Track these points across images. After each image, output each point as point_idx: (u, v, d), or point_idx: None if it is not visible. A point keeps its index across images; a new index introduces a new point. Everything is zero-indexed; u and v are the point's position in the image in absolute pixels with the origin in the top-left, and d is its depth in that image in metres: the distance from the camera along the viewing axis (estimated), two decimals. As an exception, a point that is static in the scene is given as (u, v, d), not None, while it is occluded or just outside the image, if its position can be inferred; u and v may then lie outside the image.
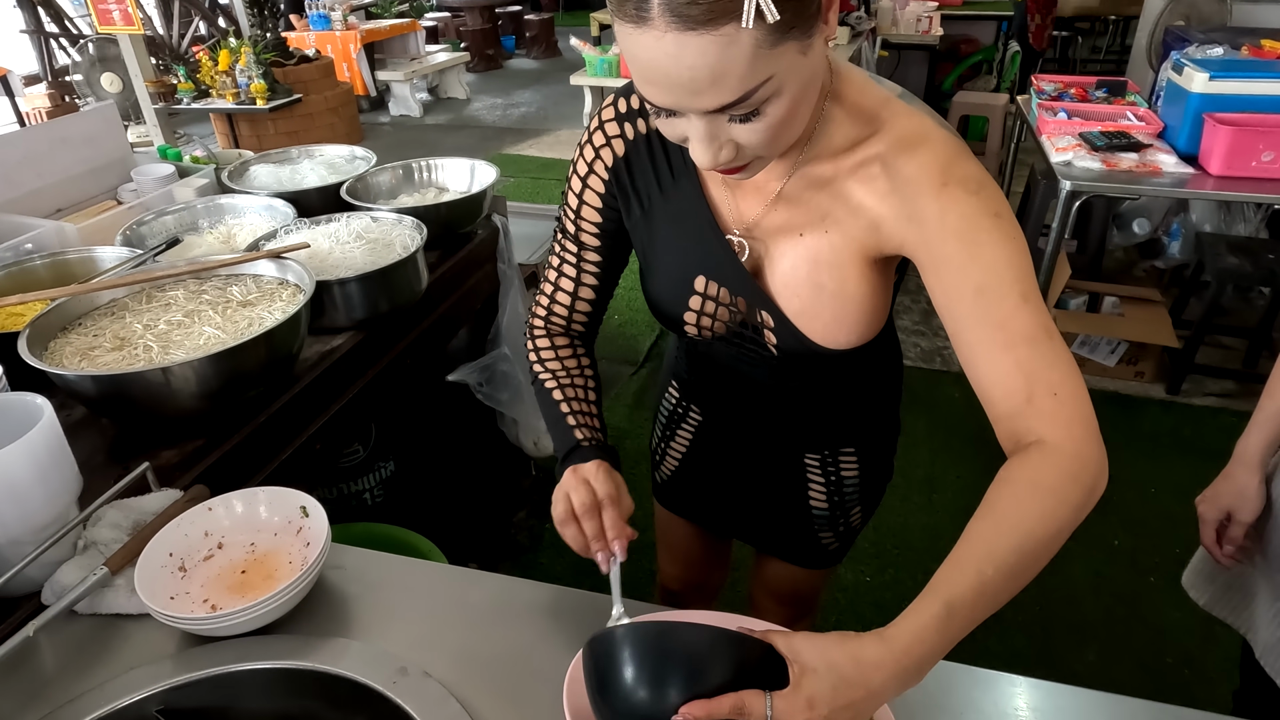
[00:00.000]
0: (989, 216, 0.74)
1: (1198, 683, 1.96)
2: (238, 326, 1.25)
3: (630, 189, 0.94)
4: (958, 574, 0.66)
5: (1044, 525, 0.67)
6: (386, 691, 0.82)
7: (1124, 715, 0.81)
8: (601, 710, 0.70)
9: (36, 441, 0.91)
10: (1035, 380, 0.71)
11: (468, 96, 7.95)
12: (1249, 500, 1.16)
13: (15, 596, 0.95)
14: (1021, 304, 0.72)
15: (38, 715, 0.82)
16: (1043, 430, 0.71)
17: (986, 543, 0.67)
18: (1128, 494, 2.53)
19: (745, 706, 0.63)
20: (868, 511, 1.19)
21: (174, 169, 1.99)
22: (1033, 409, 0.71)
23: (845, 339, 0.89)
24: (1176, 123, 2.76)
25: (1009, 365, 0.72)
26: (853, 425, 1.11)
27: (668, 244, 0.94)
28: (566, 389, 1.00)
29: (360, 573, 1.00)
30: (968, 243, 0.74)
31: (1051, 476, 0.69)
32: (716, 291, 0.92)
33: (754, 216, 0.88)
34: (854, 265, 0.85)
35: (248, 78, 5.21)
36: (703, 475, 1.24)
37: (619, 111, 0.92)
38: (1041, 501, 0.68)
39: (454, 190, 1.97)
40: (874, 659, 0.64)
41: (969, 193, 0.75)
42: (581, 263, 1.01)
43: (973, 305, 0.74)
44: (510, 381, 2.10)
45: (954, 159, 0.76)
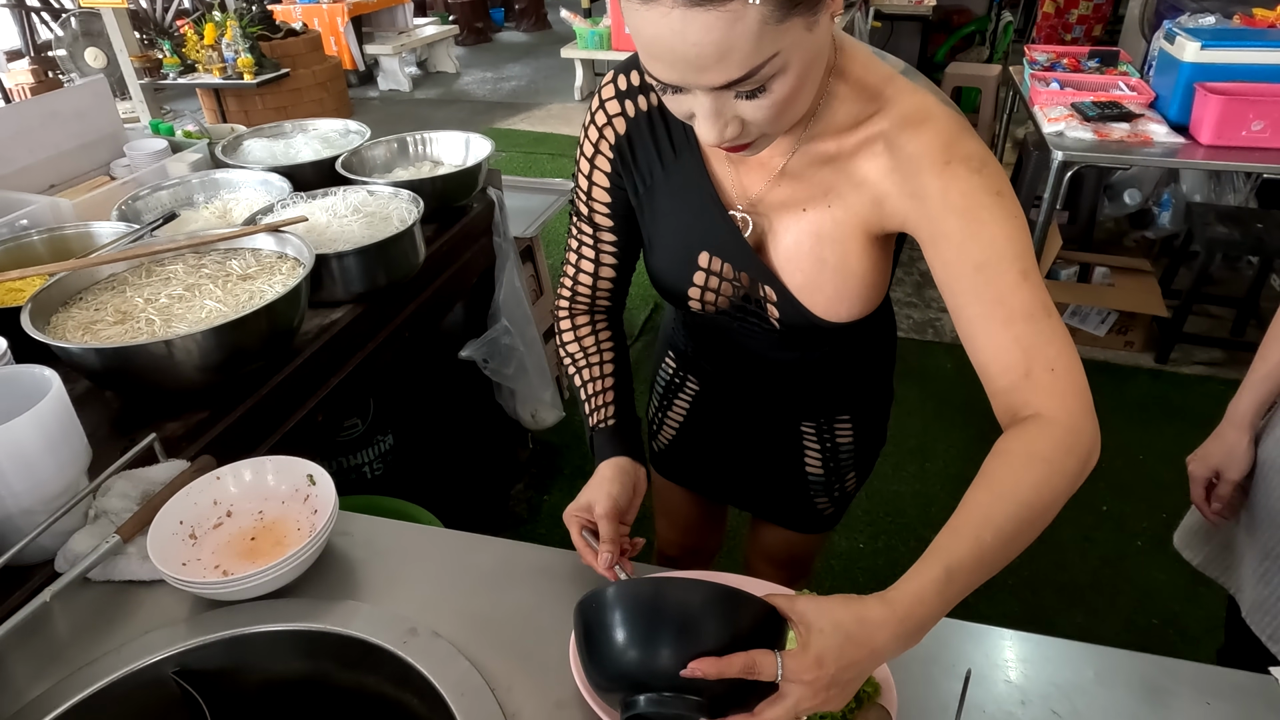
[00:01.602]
0: (990, 194, 0.75)
1: (1182, 642, 2.01)
2: (238, 300, 1.26)
3: (633, 166, 0.95)
4: (957, 540, 0.68)
5: (1039, 494, 0.69)
6: (397, 651, 0.85)
7: (1107, 665, 0.84)
8: (599, 669, 0.70)
9: (46, 412, 0.92)
10: (1033, 356, 0.73)
11: (457, 70, 7.86)
12: (1238, 459, 1.20)
13: (29, 565, 0.96)
14: (1021, 281, 0.74)
15: (57, 677, 0.84)
16: (1040, 404, 0.73)
17: (984, 510, 0.69)
18: (1116, 460, 2.57)
19: (756, 665, 0.64)
20: (862, 476, 1.22)
21: (167, 144, 1.98)
22: (1030, 383, 0.73)
23: (847, 312, 0.90)
24: (1168, 92, 2.77)
25: (1007, 341, 0.74)
26: (849, 394, 1.13)
27: (671, 220, 0.95)
28: (584, 370, 1.05)
29: (367, 539, 1.02)
30: (969, 220, 0.75)
31: (1047, 448, 0.71)
32: (720, 267, 0.93)
33: (757, 192, 0.89)
34: (856, 240, 0.86)
35: (234, 52, 5.14)
36: (700, 444, 1.26)
37: (618, 89, 0.93)
38: (1037, 471, 0.70)
39: (449, 164, 1.97)
40: (877, 619, 0.66)
41: (972, 170, 0.76)
42: (599, 244, 1.03)
43: (973, 281, 0.75)
44: (513, 355, 2.12)
45: (957, 137, 0.77)
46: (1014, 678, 0.83)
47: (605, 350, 1.07)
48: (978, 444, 2.71)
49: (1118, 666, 0.84)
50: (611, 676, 0.69)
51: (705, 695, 0.65)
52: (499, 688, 0.81)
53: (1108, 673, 0.84)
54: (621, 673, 0.68)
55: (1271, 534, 1.16)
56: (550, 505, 2.49)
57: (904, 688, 0.79)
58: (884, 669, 0.80)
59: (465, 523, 1.06)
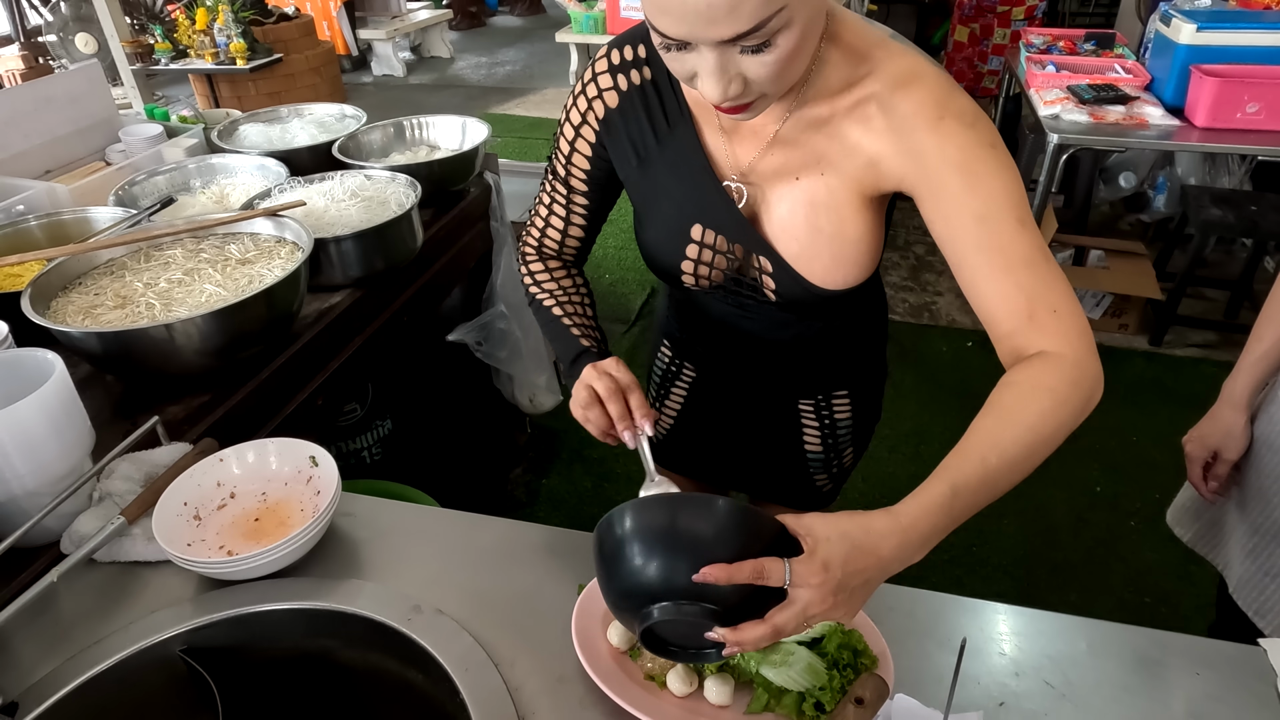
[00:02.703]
0: (985, 148, 0.78)
1: (1173, 619, 2.03)
2: (238, 284, 1.27)
3: (625, 140, 0.95)
4: (963, 461, 0.71)
5: (1044, 422, 0.72)
6: (402, 628, 0.86)
7: (1099, 637, 0.86)
8: (616, 584, 0.71)
9: (49, 395, 0.93)
10: (1036, 299, 0.76)
11: (451, 55, 7.82)
12: (1234, 439, 1.21)
13: (35, 546, 0.97)
14: (1020, 229, 0.77)
15: (65, 656, 0.85)
16: (1044, 343, 0.75)
17: (991, 434, 0.72)
18: (1110, 441, 2.59)
19: (765, 570, 0.65)
20: (859, 452, 1.24)
21: (162, 129, 1.98)
22: (1034, 325, 0.76)
23: (844, 279, 0.91)
24: (1164, 75, 2.77)
25: (1010, 287, 0.77)
26: (845, 369, 1.14)
27: (665, 193, 0.95)
28: (564, 304, 1.04)
29: (370, 519, 1.03)
30: (967, 173, 0.78)
31: (1053, 379, 0.73)
32: (714, 240, 0.94)
33: (750, 161, 0.90)
34: (851, 205, 0.87)
35: (226, 37, 5.10)
36: (699, 431, 1.26)
37: (612, 64, 0.93)
38: (1042, 401, 0.72)
39: (445, 148, 1.97)
40: (883, 529, 0.68)
41: (965, 126, 0.78)
42: (571, 205, 1.05)
43: (974, 232, 0.78)
44: (508, 339, 2.12)
45: (948, 94, 0.79)
46: (1008, 650, 0.85)
47: (582, 290, 1.08)
48: (973, 426, 2.73)
49: (1110, 639, 0.86)
50: (628, 590, 0.70)
51: (717, 605, 0.67)
52: (502, 663, 0.83)
53: (1100, 645, 0.85)
54: (637, 585, 0.70)
55: (1261, 510, 1.18)
56: (549, 489, 2.50)
57: (900, 659, 0.81)
58: (881, 642, 0.81)
59: (464, 507, 1.07)
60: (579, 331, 1.00)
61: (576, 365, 0.97)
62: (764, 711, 0.77)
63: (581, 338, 1.00)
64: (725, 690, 0.78)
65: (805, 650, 0.79)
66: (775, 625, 0.66)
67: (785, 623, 0.66)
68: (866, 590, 0.69)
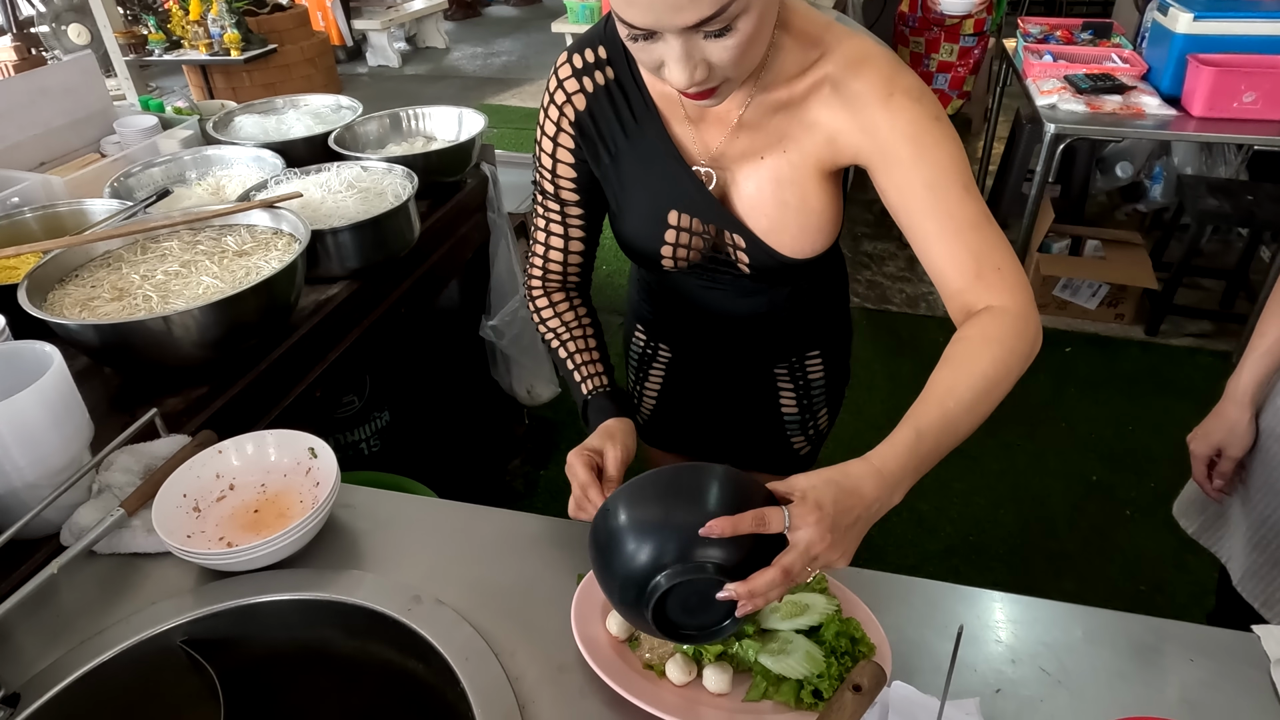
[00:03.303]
0: (932, 120, 0.85)
1: (1169, 607, 2.05)
2: (235, 276, 1.27)
3: (597, 139, 0.98)
4: (925, 407, 0.78)
5: (995, 368, 0.79)
6: (402, 618, 0.86)
7: (1095, 625, 0.87)
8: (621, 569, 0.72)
9: (48, 387, 0.93)
10: (982, 259, 0.83)
11: (447, 46, 7.78)
12: (1239, 436, 1.20)
13: (35, 539, 0.98)
14: (965, 194, 0.84)
15: (67, 647, 0.85)
16: (991, 299, 0.83)
17: (948, 383, 0.79)
18: (1106, 431, 2.60)
19: (765, 517, 0.69)
20: (833, 413, 1.29)
21: (157, 120, 1.97)
22: (982, 283, 0.83)
23: (810, 248, 0.98)
24: (1161, 64, 2.76)
25: (959, 248, 0.84)
26: (814, 330, 1.18)
27: (638, 184, 0.99)
28: (568, 343, 1.07)
29: (369, 510, 1.03)
30: (916, 144, 0.84)
31: (1000, 331, 0.81)
32: (689, 223, 0.98)
33: (718, 146, 0.94)
34: (813, 180, 0.93)
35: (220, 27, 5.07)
36: (680, 408, 1.30)
37: (575, 68, 0.97)
38: (993, 349, 0.79)
39: (442, 139, 1.96)
40: (860, 472, 0.73)
41: (913, 100, 0.85)
42: (567, 219, 1.06)
43: (924, 199, 0.84)
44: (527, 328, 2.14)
45: (895, 72, 0.86)
46: (1004, 638, 0.85)
47: (585, 324, 1.10)
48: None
49: (1105, 626, 0.87)
50: (632, 572, 0.71)
51: (722, 562, 0.69)
52: (502, 652, 0.83)
53: (1095, 632, 0.86)
54: (642, 564, 0.71)
55: (1269, 502, 1.18)
56: (547, 480, 2.51)
57: (898, 647, 0.81)
58: (878, 630, 0.82)
59: (462, 498, 1.08)
60: (581, 375, 1.04)
61: (587, 411, 1.03)
62: (762, 699, 0.77)
63: (583, 382, 1.03)
64: (724, 678, 0.78)
65: (803, 638, 0.80)
66: (783, 567, 0.69)
67: (792, 563, 0.69)
68: (857, 531, 0.73)
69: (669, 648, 0.81)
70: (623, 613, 0.77)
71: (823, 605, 0.83)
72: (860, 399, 2.75)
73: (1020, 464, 2.52)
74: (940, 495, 2.41)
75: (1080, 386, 2.83)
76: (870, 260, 3.67)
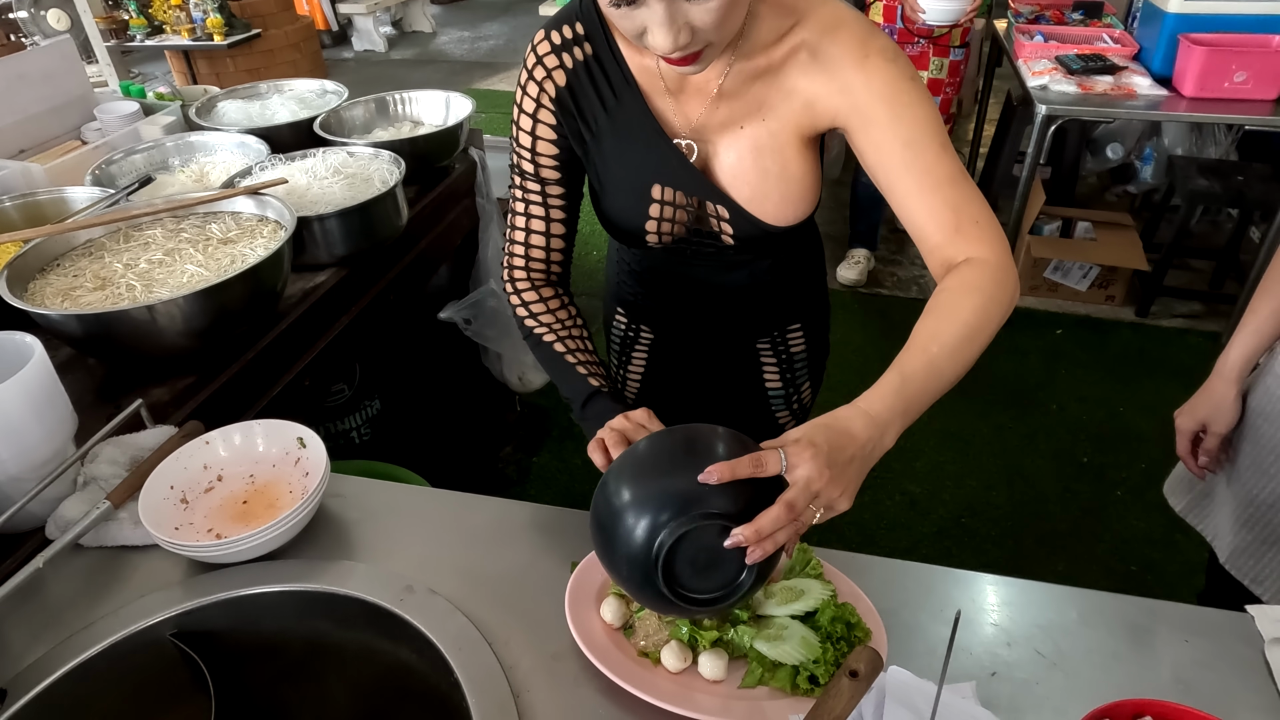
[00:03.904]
0: (907, 80, 0.87)
1: (1159, 586, 2.06)
2: (220, 264, 1.25)
3: (577, 115, 0.98)
4: (910, 354, 0.80)
5: (977, 316, 0.81)
6: (394, 609, 0.85)
7: (1089, 606, 0.87)
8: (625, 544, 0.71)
9: (30, 379, 0.91)
10: (960, 213, 0.85)
11: (433, 30, 7.69)
12: (1224, 412, 1.21)
13: (20, 533, 0.96)
14: (942, 152, 0.86)
15: (55, 641, 0.84)
16: (970, 251, 0.85)
17: (932, 329, 0.81)
18: (1098, 412, 2.61)
19: (763, 459, 0.70)
20: (815, 387, 1.29)
21: (138, 107, 1.94)
22: (961, 236, 0.85)
23: (793, 215, 0.98)
24: (1152, 44, 2.75)
25: (938, 203, 0.85)
26: (795, 303, 1.19)
27: (621, 160, 0.99)
28: (567, 340, 1.03)
29: (360, 500, 1.02)
30: (892, 104, 0.86)
31: (982, 280, 0.83)
32: (673, 196, 0.98)
33: (698, 117, 0.95)
34: (792, 146, 0.94)
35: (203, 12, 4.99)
36: (664, 390, 1.29)
37: (554, 44, 0.96)
38: (975, 298, 0.82)
39: (429, 124, 1.94)
40: (849, 414, 0.76)
41: (888, 61, 0.87)
42: (548, 199, 1.03)
43: (903, 156, 0.86)
44: (499, 317, 2.11)
45: (869, 35, 0.88)
46: (999, 620, 0.85)
47: (579, 321, 1.07)
48: (963, 400, 2.72)
49: (1100, 608, 0.87)
50: (638, 541, 0.70)
51: (724, 510, 0.69)
52: (496, 641, 0.83)
53: (1090, 614, 0.86)
54: (645, 529, 0.70)
55: (1258, 481, 1.19)
56: (539, 467, 2.50)
57: (894, 632, 0.81)
58: (874, 615, 0.82)
59: (455, 486, 1.07)
60: (586, 370, 1.01)
61: (590, 407, 0.98)
62: (758, 685, 0.77)
63: (590, 377, 1.00)
64: (719, 665, 0.78)
65: (799, 624, 0.80)
66: (787, 502, 0.69)
67: (795, 498, 0.69)
68: (855, 470, 0.73)
69: (664, 635, 0.80)
70: (635, 593, 0.75)
71: (818, 591, 0.82)
72: (851, 382, 2.74)
73: (1012, 445, 2.53)
74: (932, 477, 2.41)
75: (1071, 368, 2.83)
76: (861, 244, 3.65)
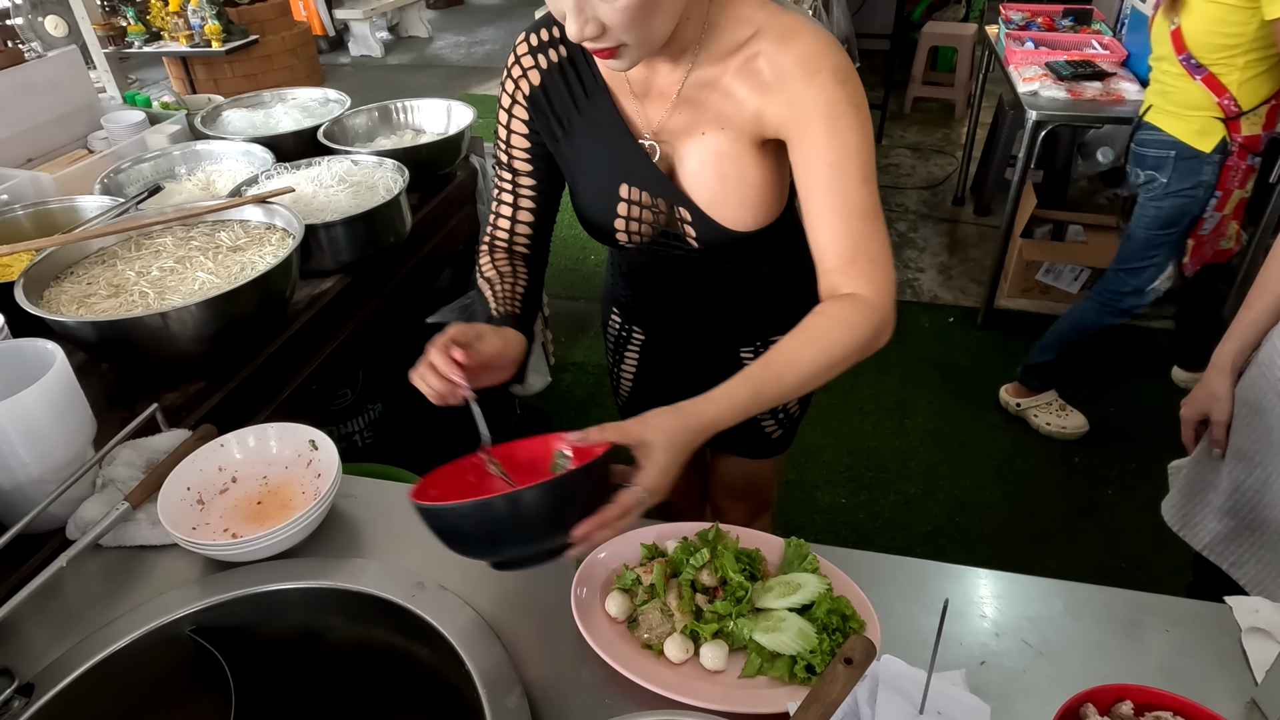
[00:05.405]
0: (850, 105, 0.88)
1: (1149, 583, 2.07)
2: (230, 271, 1.28)
3: (550, 114, 1.03)
4: (767, 373, 0.86)
5: (837, 350, 0.87)
6: (407, 604, 0.88)
7: (1076, 598, 0.90)
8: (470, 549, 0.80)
9: (52, 384, 0.94)
10: (860, 248, 0.89)
11: (430, 35, 7.72)
12: (1219, 401, 1.26)
13: (41, 533, 0.99)
14: (863, 184, 0.88)
15: (78, 638, 0.87)
16: (857, 286, 0.89)
17: (794, 354, 0.87)
18: (1089, 412, 2.65)
19: (625, 506, 0.77)
20: (804, 399, 1.31)
21: (144, 116, 1.96)
22: (854, 268, 0.89)
23: (754, 220, 1.01)
24: (1140, 50, 2.79)
25: (843, 232, 0.89)
26: (778, 314, 1.19)
27: (591, 158, 1.03)
28: (495, 285, 1.07)
29: (370, 500, 1.05)
30: (830, 124, 0.88)
31: (856, 317, 0.87)
32: (639, 196, 1.02)
33: (660, 120, 0.98)
34: (749, 154, 0.97)
35: (201, 19, 5.02)
36: (655, 390, 1.33)
37: (531, 45, 1.02)
38: (839, 331, 0.87)
39: (431, 132, 1.97)
40: (697, 426, 0.83)
41: (838, 81, 0.88)
42: (517, 188, 1.09)
43: (825, 177, 0.89)
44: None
45: (824, 51, 0.89)
46: (989, 613, 0.89)
47: (520, 274, 1.09)
48: (955, 400, 2.78)
49: (1085, 600, 0.90)
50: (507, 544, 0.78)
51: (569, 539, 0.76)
52: (505, 634, 0.86)
53: (1076, 606, 0.89)
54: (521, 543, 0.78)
55: (1241, 469, 1.22)
56: (539, 469, 2.53)
57: (887, 623, 0.84)
58: (868, 607, 0.85)
59: (458, 487, 1.09)
60: (496, 302, 1.03)
61: None
62: (757, 675, 0.80)
63: (498, 305, 1.02)
64: (720, 655, 0.81)
65: (796, 616, 0.83)
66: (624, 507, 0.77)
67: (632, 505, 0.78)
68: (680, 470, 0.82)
69: (667, 628, 0.84)
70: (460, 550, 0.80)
71: (814, 584, 0.86)
72: (846, 383, 2.79)
73: (1005, 446, 2.57)
74: (927, 477, 2.45)
75: (1063, 369, 2.88)
76: (856, 247, 3.69)
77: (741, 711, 0.75)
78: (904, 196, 4.09)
